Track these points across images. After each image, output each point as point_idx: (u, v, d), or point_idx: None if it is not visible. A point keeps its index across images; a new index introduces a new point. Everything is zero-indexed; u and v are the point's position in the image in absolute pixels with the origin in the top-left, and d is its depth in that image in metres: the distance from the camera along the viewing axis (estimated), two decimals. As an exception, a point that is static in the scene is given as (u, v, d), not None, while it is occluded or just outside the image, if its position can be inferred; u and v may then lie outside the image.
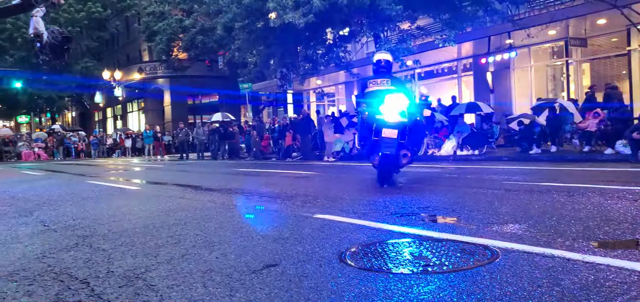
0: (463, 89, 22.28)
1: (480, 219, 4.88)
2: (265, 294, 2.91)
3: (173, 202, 7.30)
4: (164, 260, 3.82)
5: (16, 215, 6.69)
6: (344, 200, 6.65)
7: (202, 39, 33.50)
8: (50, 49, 9.56)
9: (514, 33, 17.52)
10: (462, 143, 15.45)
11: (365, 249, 3.86)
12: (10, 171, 20.05)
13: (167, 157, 28.59)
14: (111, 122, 54.55)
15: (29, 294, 3.13)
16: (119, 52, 52.37)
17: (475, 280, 2.99)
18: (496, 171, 10.65)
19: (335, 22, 16.62)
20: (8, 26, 42.39)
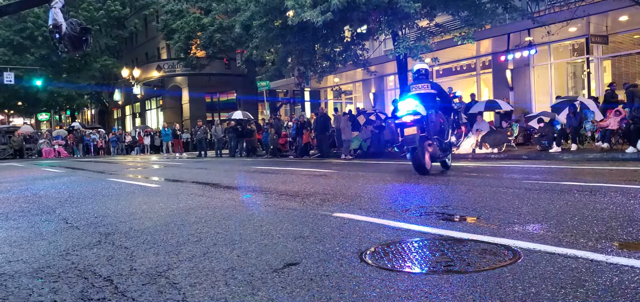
0: (482, 86, 22.11)
1: (501, 219, 4.84)
2: (288, 293, 2.92)
3: (193, 200, 7.36)
4: (185, 258, 3.85)
5: (39, 212, 6.79)
6: (362, 198, 6.64)
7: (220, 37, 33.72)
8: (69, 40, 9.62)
9: (534, 30, 17.31)
10: (481, 141, 15.33)
11: (385, 249, 3.85)
12: (32, 168, 20.36)
13: (185, 154, 28.80)
14: (130, 120, 55.09)
15: (54, 291, 3.18)
16: (138, 50, 52.83)
17: (498, 281, 2.97)
18: (516, 169, 10.56)
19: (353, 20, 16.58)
20: (29, 25, 43.03)
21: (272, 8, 17.41)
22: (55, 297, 3.06)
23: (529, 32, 17.63)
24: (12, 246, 4.64)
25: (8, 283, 3.42)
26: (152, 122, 49.21)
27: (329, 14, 14.32)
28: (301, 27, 16.74)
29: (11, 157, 33.63)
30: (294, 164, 14.36)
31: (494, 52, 20.44)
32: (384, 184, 8.56)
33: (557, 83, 19.83)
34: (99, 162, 23.93)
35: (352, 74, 26.15)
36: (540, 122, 15.11)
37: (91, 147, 35.81)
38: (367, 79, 26.18)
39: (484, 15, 16.25)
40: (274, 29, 18.09)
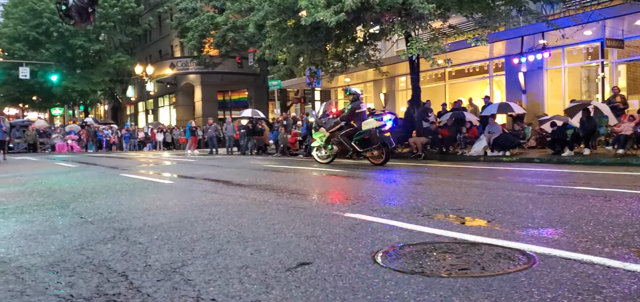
0: (494, 89, 22.00)
1: (514, 223, 4.82)
2: (301, 293, 2.93)
3: (206, 197, 7.39)
4: (199, 255, 3.87)
5: (53, 206, 6.85)
6: (374, 199, 6.64)
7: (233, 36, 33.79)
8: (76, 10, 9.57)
9: (548, 33, 17.17)
10: (493, 144, 15.25)
11: (398, 251, 3.85)
12: (46, 162, 20.52)
13: (196, 151, 28.90)
14: (143, 116, 55.39)
15: (70, 285, 3.21)
16: (152, 47, 53.11)
17: (514, 285, 2.96)
18: (528, 172, 10.49)
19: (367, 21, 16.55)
20: (45, 21, 43.44)
21: (285, 8, 17.40)
22: (72, 291, 3.09)
23: (543, 35, 17.51)
24: (27, 239, 4.68)
25: (25, 276, 3.45)
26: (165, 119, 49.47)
27: (342, 14, 14.28)
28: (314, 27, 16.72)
29: (25, 151, 33.92)
30: (304, 163, 14.38)
31: (507, 55, 20.33)
32: (395, 185, 8.54)
33: (571, 87, 19.68)
34: (112, 157, 24.08)
35: (363, 74, 26.11)
36: (553, 126, 15.00)
37: (104, 143, 36.03)
38: (378, 80, 26.13)
39: (498, 18, 16.15)
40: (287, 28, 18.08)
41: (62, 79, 43.19)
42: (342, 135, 13.62)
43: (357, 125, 13.53)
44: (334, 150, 13.88)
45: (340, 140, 13.65)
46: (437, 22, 16.75)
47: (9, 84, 46.44)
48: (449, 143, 16.95)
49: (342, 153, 13.82)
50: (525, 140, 16.76)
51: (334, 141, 13.81)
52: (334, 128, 13.80)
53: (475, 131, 16.86)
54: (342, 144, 13.65)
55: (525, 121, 18.06)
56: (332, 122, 13.94)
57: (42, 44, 44.06)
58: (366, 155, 13.49)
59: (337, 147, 13.77)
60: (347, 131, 13.61)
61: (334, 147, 13.84)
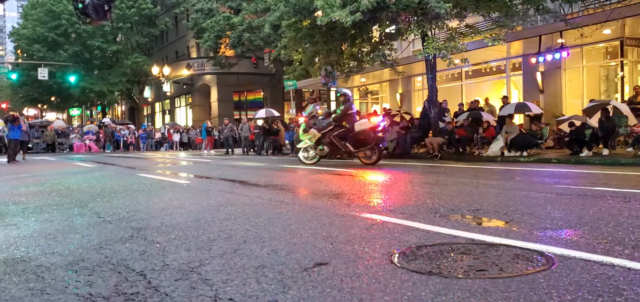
0: (511, 88, 21.81)
1: (532, 224, 4.77)
2: (318, 293, 2.93)
3: (222, 196, 7.42)
4: (216, 254, 3.89)
5: (72, 206, 6.93)
6: (390, 200, 6.62)
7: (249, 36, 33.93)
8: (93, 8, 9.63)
9: (566, 32, 16.98)
10: (510, 144, 15.12)
11: (415, 252, 3.83)
12: (64, 162, 20.77)
13: (213, 151, 29.07)
14: (159, 117, 55.85)
15: (89, 284, 3.24)
16: (168, 48, 53.54)
17: (532, 287, 2.93)
18: (546, 173, 10.39)
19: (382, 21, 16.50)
20: (63, 22, 44.00)
21: (301, 8, 17.42)
22: (91, 290, 3.12)
23: (561, 34, 17.31)
24: (47, 238, 4.74)
25: (45, 275, 3.50)
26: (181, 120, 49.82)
27: (358, 14, 14.26)
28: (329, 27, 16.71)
29: (44, 151, 34.36)
30: (320, 163, 14.37)
31: (525, 54, 20.14)
32: (411, 185, 8.50)
33: (590, 86, 19.44)
34: (129, 157, 24.30)
35: (379, 74, 26.04)
36: (572, 126, 14.83)
37: (121, 143, 36.37)
38: (394, 80, 26.04)
39: (516, 17, 16.01)
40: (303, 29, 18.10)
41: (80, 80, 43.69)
42: (335, 136, 13.73)
43: (349, 126, 13.73)
44: (324, 150, 13.93)
45: (332, 141, 13.76)
46: (454, 21, 16.64)
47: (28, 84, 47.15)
48: (465, 143, 16.85)
49: (332, 153, 13.93)
50: (542, 140, 16.58)
51: (325, 142, 13.89)
52: (327, 129, 13.89)
53: (493, 131, 16.72)
54: (333, 144, 13.76)
55: (542, 121, 17.86)
56: (325, 123, 14.08)
57: (60, 45, 44.64)
58: (359, 155, 13.73)
59: (327, 148, 13.85)
60: (339, 132, 13.75)
61: (324, 148, 13.89)
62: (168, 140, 37.35)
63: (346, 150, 13.66)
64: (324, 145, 13.89)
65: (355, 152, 13.67)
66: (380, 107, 28.59)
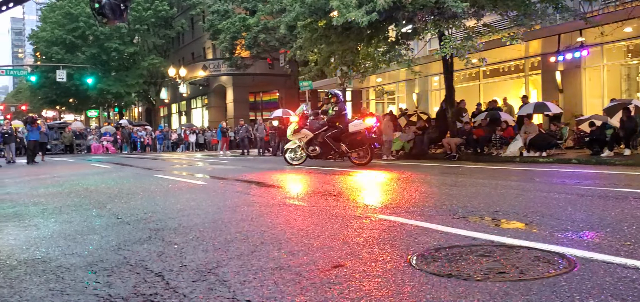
0: (530, 88, 21.57)
1: (553, 225, 4.70)
2: (336, 295, 2.90)
3: (239, 197, 7.43)
4: (234, 255, 3.89)
5: (90, 207, 6.98)
6: (407, 201, 6.57)
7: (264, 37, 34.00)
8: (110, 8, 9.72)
9: (586, 31, 16.73)
10: (529, 144, 14.96)
11: (434, 254, 3.79)
12: (82, 163, 20.99)
13: (228, 152, 29.18)
14: (176, 118, 56.20)
15: (108, 285, 3.26)
16: (184, 49, 53.87)
17: (554, 290, 2.88)
18: (566, 174, 10.25)
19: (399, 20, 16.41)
20: (81, 25, 44.48)
21: (317, 8, 17.40)
22: (110, 291, 3.13)
23: (581, 33, 17.07)
24: (66, 239, 4.78)
25: (65, 275, 3.52)
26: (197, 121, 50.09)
27: (374, 14, 14.20)
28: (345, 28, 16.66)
29: (62, 152, 34.76)
30: (335, 164, 14.33)
31: (544, 53, 19.89)
32: (429, 186, 8.44)
33: (610, 86, 19.14)
34: (146, 158, 24.48)
35: (395, 74, 25.91)
36: (592, 126, 14.63)
37: (138, 144, 36.66)
38: (410, 79, 25.89)
39: (534, 15, 15.81)
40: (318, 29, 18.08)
41: (97, 82, 44.15)
42: (329, 136, 13.78)
43: (343, 127, 13.87)
44: (316, 151, 13.89)
45: (325, 141, 13.79)
46: (471, 20, 16.49)
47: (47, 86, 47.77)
48: (483, 144, 16.71)
49: (324, 154, 13.93)
50: (562, 140, 16.38)
51: (317, 142, 13.87)
52: (320, 129, 13.92)
53: (511, 131, 16.56)
54: (326, 144, 13.80)
55: (562, 121, 17.64)
56: (318, 124, 14.14)
57: (78, 48, 45.15)
58: (351, 155, 13.91)
59: (319, 148, 13.84)
60: (333, 133, 13.81)
61: (316, 148, 13.87)
62: (184, 141, 37.57)
63: (339, 150, 13.78)
64: (316, 146, 13.87)
65: (348, 153, 13.84)
66: (396, 107, 28.48)
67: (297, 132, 14.02)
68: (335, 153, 13.87)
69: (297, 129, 13.99)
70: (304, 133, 13.92)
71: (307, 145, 13.93)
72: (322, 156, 13.94)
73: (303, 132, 13.92)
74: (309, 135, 13.88)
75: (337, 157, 14.11)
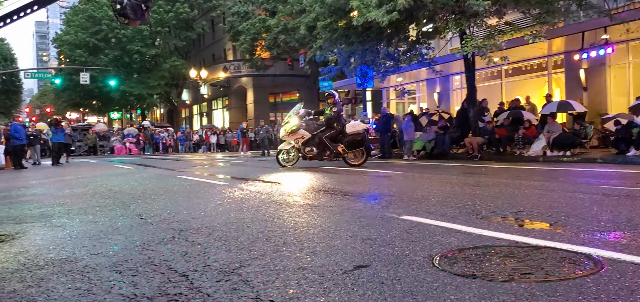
0: (553, 86, 21.29)
1: (578, 226, 4.63)
2: (359, 296, 2.90)
3: (260, 198, 7.46)
4: (257, 255, 3.90)
5: (114, 207, 7.07)
6: (430, 201, 6.52)
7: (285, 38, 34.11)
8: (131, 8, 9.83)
9: (611, 28, 16.46)
10: (552, 143, 14.76)
11: (457, 254, 3.76)
12: (105, 164, 21.27)
13: (249, 153, 29.31)
14: (197, 119, 56.67)
15: (133, 285, 3.29)
16: (205, 51, 54.30)
17: (580, 291, 2.84)
18: (591, 173, 10.10)
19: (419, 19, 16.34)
20: (103, 28, 45.10)
21: (336, 8, 17.42)
22: (135, 290, 3.17)
23: (606, 30, 16.81)
24: (92, 239, 4.84)
25: (91, 275, 3.57)
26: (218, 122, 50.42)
27: (394, 13, 14.16)
28: (365, 27, 16.65)
29: (86, 153, 35.26)
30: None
31: (567, 51, 19.62)
32: (451, 186, 8.37)
33: (636, 83, 18.78)
34: (168, 159, 24.71)
35: (415, 74, 25.77)
36: (617, 125, 14.38)
37: (160, 145, 37.01)
38: (431, 79, 25.74)
39: (557, 13, 15.61)
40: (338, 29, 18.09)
41: (120, 84, 44.75)
42: (327, 137, 13.70)
43: (340, 128, 13.85)
44: (312, 151, 13.76)
45: (323, 142, 13.70)
46: (493, 18, 16.34)
47: (71, 89, 48.57)
48: (506, 143, 16.54)
49: (320, 154, 13.83)
50: (586, 139, 16.14)
51: (314, 143, 13.75)
52: (318, 130, 13.81)
53: (534, 130, 16.36)
54: (323, 145, 13.72)
55: (586, 120, 17.38)
56: (315, 125, 14.02)
57: (101, 50, 45.81)
58: (348, 156, 13.89)
59: (316, 149, 13.74)
60: (331, 133, 13.74)
61: (313, 149, 13.73)
62: (205, 142, 37.85)
63: (336, 151, 13.73)
64: (313, 147, 13.76)
65: (344, 154, 13.81)
66: (417, 106, 28.33)
67: (293, 133, 13.83)
68: (330, 154, 13.81)
69: (295, 130, 13.80)
70: (301, 133, 13.77)
71: (304, 146, 13.80)
72: (318, 156, 13.85)
73: (300, 132, 13.77)
74: (307, 136, 13.77)
75: (332, 158, 14.03)
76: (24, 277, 3.60)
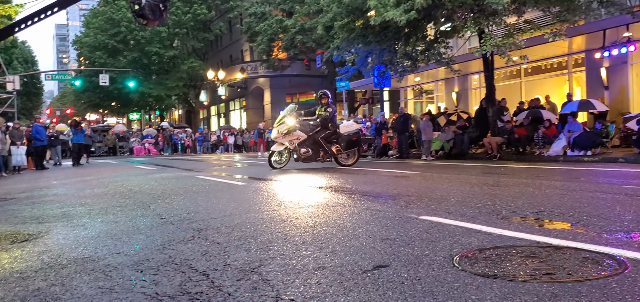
0: (574, 85, 21.03)
1: (601, 226, 4.57)
2: (379, 295, 2.89)
3: (277, 198, 7.48)
4: (276, 255, 3.91)
5: (135, 207, 7.14)
6: (449, 201, 6.49)
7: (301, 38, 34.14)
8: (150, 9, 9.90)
9: (633, 25, 16.20)
10: (573, 143, 14.58)
11: (478, 254, 3.73)
12: (125, 165, 21.50)
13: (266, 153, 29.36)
14: (215, 120, 56.98)
15: (155, 283, 3.33)
16: (222, 52, 54.57)
17: (604, 292, 2.80)
18: (613, 173, 9.95)
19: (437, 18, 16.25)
20: (122, 29, 45.57)
21: (354, 8, 17.40)
22: (157, 289, 3.20)
23: (628, 28, 16.54)
24: (113, 238, 4.90)
25: (113, 274, 3.61)
26: (236, 123, 50.66)
27: (412, 12, 14.10)
28: (383, 27, 16.60)
29: (106, 154, 35.68)
30: (374, 164, 14.29)
31: (588, 50, 19.35)
32: (470, 186, 8.31)
33: (659, 81, 18.51)
34: (187, 160, 24.90)
35: (434, 73, 25.63)
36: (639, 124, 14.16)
37: (179, 146, 37.31)
38: (450, 78, 25.59)
39: (577, 11, 15.40)
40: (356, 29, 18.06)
41: (138, 85, 45.19)
42: (322, 137, 13.59)
43: (333, 128, 13.79)
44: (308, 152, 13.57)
45: (319, 143, 13.57)
46: (512, 17, 16.18)
47: (90, 90, 49.14)
48: (525, 143, 16.37)
49: (314, 155, 13.66)
50: (608, 139, 15.91)
51: (309, 144, 13.57)
52: (314, 131, 13.66)
53: (554, 130, 16.17)
54: (318, 145, 13.59)
55: (608, 119, 17.14)
56: (310, 125, 13.87)
57: (120, 52, 46.30)
58: (341, 156, 13.86)
59: (311, 150, 13.57)
60: (326, 134, 13.65)
61: (309, 150, 13.57)
62: (223, 143, 38.07)
63: (331, 151, 13.65)
64: (308, 148, 13.57)
65: (337, 154, 13.76)
66: (435, 106, 28.18)
67: (289, 134, 13.55)
68: (325, 154, 13.71)
69: (291, 131, 13.52)
70: (297, 135, 13.55)
71: (299, 147, 13.58)
72: (312, 157, 13.67)
73: (297, 133, 13.55)
74: (303, 137, 13.58)
75: (325, 159, 13.89)
76: (47, 276, 3.66)
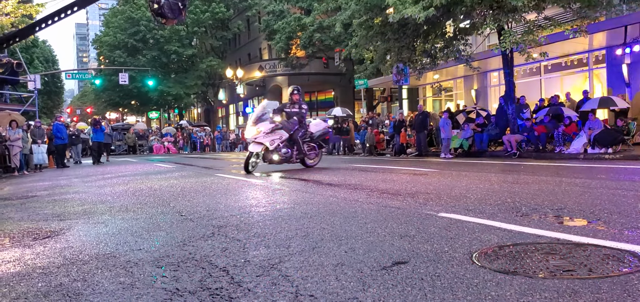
0: (594, 82, 20.76)
1: (622, 223, 4.52)
2: (399, 292, 2.90)
3: (297, 195, 7.51)
4: (295, 251, 3.94)
5: (155, 205, 7.22)
6: (468, 199, 6.46)
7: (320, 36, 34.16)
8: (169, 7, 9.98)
9: (655, 21, 15.99)
10: (593, 140, 14.40)
11: (498, 251, 3.72)
12: (144, 163, 21.71)
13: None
14: (233, 118, 57.28)
15: (175, 279, 3.37)
16: (241, 50, 54.82)
17: (625, 288, 2.78)
18: (635, 170, 9.81)
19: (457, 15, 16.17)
20: (141, 28, 46.02)
21: (372, 5, 17.38)
22: (177, 285, 3.24)
23: (649, 24, 16.31)
24: (134, 235, 4.97)
25: (134, 270, 3.67)
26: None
27: (431, 9, 14.04)
28: (401, 24, 16.57)
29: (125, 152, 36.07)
30: (392, 162, 14.25)
31: (609, 46, 19.11)
32: (489, 184, 8.26)
33: (682, 78, 18.18)
34: (205, 158, 25.07)
35: (452, 70, 25.49)
36: (662, 121, 13.95)
37: (198, 144, 37.57)
38: (468, 76, 25.43)
39: (599, 7, 15.21)
40: (374, 26, 18.04)
41: (158, 84, 45.60)
42: (300, 136, 12.86)
43: (305, 127, 13.13)
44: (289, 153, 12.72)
45: (298, 142, 12.77)
46: (532, 13, 16.03)
47: (110, 89, 49.72)
48: (545, 140, 16.21)
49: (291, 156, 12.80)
50: (629, 136, 15.67)
51: (289, 144, 12.71)
52: (294, 130, 12.75)
53: (574, 127, 15.98)
54: (295, 144, 12.77)
55: (629, 116, 16.89)
56: (290, 124, 12.85)
57: (139, 51, 46.78)
58: (308, 156, 13.23)
59: (290, 151, 12.69)
60: (302, 133, 12.96)
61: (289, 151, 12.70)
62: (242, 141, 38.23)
63: (303, 151, 12.97)
64: (288, 148, 12.71)
65: (307, 154, 13.16)
66: (454, 104, 28.01)
67: (273, 132, 12.47)
68: (298, 154, 12.91)
69: (274, 129, 12.48)
70: (280, 133, 12.54)
71: (280, 147, 12.55)
72: (289, 158, 12.77)
73: (280, 132, 12.54)
74: (285, 136, 12.62)
75: (297, 159, 13.02)
76: (69, 272, 3.73)
